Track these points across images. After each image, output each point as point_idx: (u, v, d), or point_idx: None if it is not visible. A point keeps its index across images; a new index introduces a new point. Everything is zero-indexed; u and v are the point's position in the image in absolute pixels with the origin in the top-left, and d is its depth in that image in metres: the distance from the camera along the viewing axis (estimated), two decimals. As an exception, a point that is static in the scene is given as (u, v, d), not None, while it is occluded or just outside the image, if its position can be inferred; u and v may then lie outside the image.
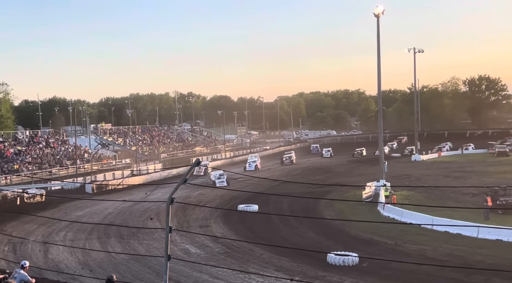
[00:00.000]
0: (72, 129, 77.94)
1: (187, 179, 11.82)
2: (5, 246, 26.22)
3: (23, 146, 56.70)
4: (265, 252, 24.85)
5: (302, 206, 35.22)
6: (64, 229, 30.86)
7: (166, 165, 63.75)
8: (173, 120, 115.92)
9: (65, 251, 25.45)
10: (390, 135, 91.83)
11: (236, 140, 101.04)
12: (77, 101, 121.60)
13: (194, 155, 75.20)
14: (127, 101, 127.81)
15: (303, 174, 56.57)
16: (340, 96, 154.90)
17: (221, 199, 41.23)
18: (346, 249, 23.69)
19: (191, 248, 26.39)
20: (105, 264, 23.31)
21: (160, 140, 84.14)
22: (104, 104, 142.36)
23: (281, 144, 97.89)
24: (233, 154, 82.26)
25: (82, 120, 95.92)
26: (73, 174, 51.44)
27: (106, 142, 73.37)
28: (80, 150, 61.41)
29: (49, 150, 58.83)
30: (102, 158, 63.34)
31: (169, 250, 11.13)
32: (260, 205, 35.61)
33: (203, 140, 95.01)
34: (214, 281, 20.79)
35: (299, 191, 37.84)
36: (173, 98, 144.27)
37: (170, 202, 11.63)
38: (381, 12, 42.99)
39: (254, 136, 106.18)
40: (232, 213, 33.65)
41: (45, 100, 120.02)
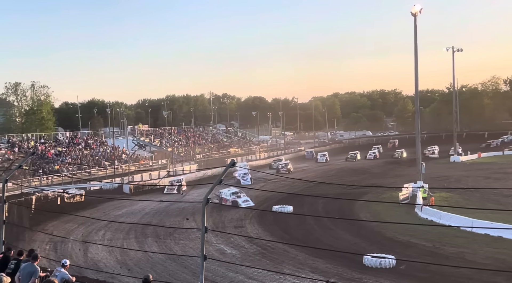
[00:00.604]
0: (110, 130, 79.53)
1: (223, 179, 11.91)
2: (47, 245, 26.97)
3: (64, 147, 58.25)
4: (300, 253, 24.77)
5: (337, 207, 34.94)
6: (102, 228, 31.54)
7: (201, 166, 64.34)
8: (208, 122, 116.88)
9: (104, 250, 26.01)
10: (427, 135, 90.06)
11: (270, 141, 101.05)
12: (115, 103, 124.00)
13: (229, 155, 75.53)
14: (163, 102, 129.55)
15: (338, 175, 56.12)
16: (376, 97, 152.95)
17: (255, 200, 41.30)
18: (382, 251, 23.39)
19: (226, 248, 26.55)
20: (142, 263, 23.71)
21: (196, 141, 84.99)
22: (141, 106, 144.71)
23: (316, 145, 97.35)
24: (268, 155, 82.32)
25: (120, 121, 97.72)
26: (111, 174, 52.45)
27: (143, 143, 74.59)
28: (118, 151, 62.65)
29: (88, 151, 60.25)
30: (139, 158, 64.42)
31: (205, 250, 11.24)
32: (294, 206, 35.53)
33: (237, 141, 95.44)
34: (249, 282, 20.87)
35: (334, 192, 37.51)
36: (208, 100, 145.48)
37: (206, 202, 11.74)
38: (419, 11, 42.34)
39: (288, 137, 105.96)
40: (266, 214, 33.68)
41: (84, 102, 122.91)
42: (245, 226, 32.07)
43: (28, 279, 11.38)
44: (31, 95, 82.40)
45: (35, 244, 24.54)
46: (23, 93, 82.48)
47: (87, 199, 36.49)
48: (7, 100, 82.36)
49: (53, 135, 66.53)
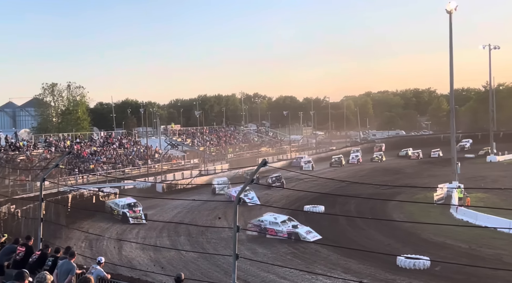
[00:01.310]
0: (144, 130, 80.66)
1: (254, 179, 11.94)
2: (82, 243, 27.56)
3: (98, 147, 59.39)
4: (332, 253, 24.63)
5: (369, 207, 34.57)
6: (136, 226, 32.06)
7: (232, 165, 64.56)
8: (239, 121, 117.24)
9: (137, 248, 26.44)
10: (463, 135, 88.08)
11: (301, 141, 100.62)
12: (148, 103, 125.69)
13: (260, 155, 75.63)
14: (195, 102, 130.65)
15: (370, 175, 55.49)
16: (409, 95, 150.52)
17: (287, 200, 41.26)
18: (416, 252, 23.03)
19: (258, 248, 26.61)
20: (175, 261, 23.98)
21: (227, 141, 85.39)
22: (174, 106, 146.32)
23: (348, 144, 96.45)
24: (299, 155, 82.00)
25: (153, 121, 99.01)
26: (145, 173, 53.16)
27: (175, 142, 75.37)
28: (151, 150, 63.49)
29: (122, 150, 61.25)
30: (172, 158, 65.12)
31: (237, 249, 11.28)
32: (326, 206, 35.33)
33: (268, 141, 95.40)
34: (281, 281, 20.86)
35: (367, 192, 37.11)
36: (239, 99, 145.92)
37: (238, 201, 11.80)
38: (454, 8, 41.56)
39: (319, 137, 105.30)
40: (298, 214, 33.59)
41: (118, 103, 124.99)
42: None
43: (66, 276, 11.64)
44: (67, 96, 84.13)
45: (71, 242, 25.11)
46: (60, 94, 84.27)
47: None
48: (44, 101, 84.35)
49: (88, 135, 67.85)
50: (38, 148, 52.59)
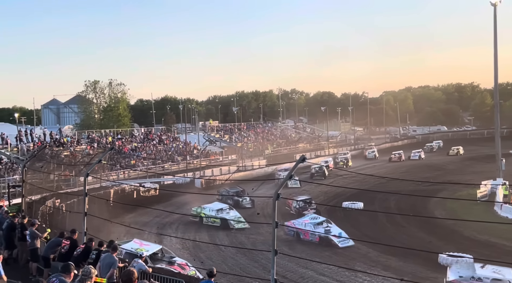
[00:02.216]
0: (182, 126, 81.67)
1: (293, 175, 11.89)
2: (124, 237, 28.13)
3: (139, 143, 60.51)
4: (372, 250, 24.35)
5: (410, 204, 33.96)
6: (176, 221, 32.51)
7: (270, 161, 64.58)
8: (276, 117, 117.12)
9: (177, 243, 26.82)
10: (507, 130, 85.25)
11: (339, 137, 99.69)
12: (186, 100, 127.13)
13: (298, 151, 75.32)
14: (233, 99, 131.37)
15: (411, 171, 54.40)
16: (451, 90, 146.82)
17: (325, 196, 40.96)
18: (459, 250, 22.49)
19: (297, 244, 26.56)
20: (214, 256, 24.20)
21: (265, 137, 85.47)
22: (212, 102, 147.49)
23: (387, 141, 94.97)
24: (337, 151, 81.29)
25: (191, 118, 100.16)
26: (184, 169, 53.82)
27: (213, 138, 76.02)
28: (189, 146, 64.26)
29: (161, 146, 62.20)
30: (210, 154, 65.67)
31: (276, 245, 11.28)
32: (365, 203, 34.90)
33: (306, 137, 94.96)
34: (319, 278, 20.77)
35: (407, 189, 36.46)
36: (277, 95, 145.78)
37: (276, 197, 11.78)
38: (499, 1, 40.32)
39: (358, 133, 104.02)
40: (337, 210, 33.33)
41: (158, 99, 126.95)
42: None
43: (108, 269, 11.93)
44: (109, 93, 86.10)
45: (113, 236, 25.65)
46: (101, 91, 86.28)
47: (161, 193, 37.65)
48: (86, 98, 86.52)
49: (129, 131, 69.19)
50: (81, 144, 54.01)
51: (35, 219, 19.23)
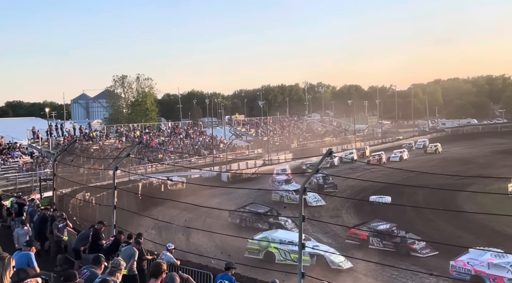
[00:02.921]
0: (209, 120, 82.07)
1: (319, 169, 11.84)
2: (152, 230, 28.52)
3: (166, 137, 61.11)
4: (400, 245, 24.05)
5: (439, 198, 33.44)
6: (203, 214, 32.71)
7: (296, 155, 64.41)
8: (302, 111, 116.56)
9: (204, 236, 27.00)
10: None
11: (366, 131, 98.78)
12: (213, 94, 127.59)
13: (324, 145, 74.92)
14: (259, 92, 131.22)
15: (440, 165, 53.54)
16: (481, 83, 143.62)
17: (352, 190, 40.70)
18: (490, 244, 22.06)
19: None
20: (241, 250, 24.27)
21: (291, 131, 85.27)
22: (238, 96, 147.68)
23: (415, 134, 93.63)
24: (364, 145, 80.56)
25: (218, 112, 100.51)
26: (210, 163, 54.13)
27: (239, 132, 76.19)
28: (216, 140, 64.59)
29: (188, 140, 62.68)
30: (236, 148, 65.88)
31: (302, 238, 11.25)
32: (393, 197, 34.52)
33: (332, 131, 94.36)
34: (347, 271, 20.67)
35: (436, 182, 35.88)
36: (303, 89, 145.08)
37: (303, 191, 11.76)
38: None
39: (385, 126, 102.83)
40: (363, 204, 33.08)
41: (185, 94, 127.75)
42: (341, 216, 31.77)
43: (128, 261, 12.15)
44: (137, 88, 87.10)
45: (142, 229, 26.00)
46: (129, 86, 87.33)
47: (188, 186, 37.95)
48: (115, 93, 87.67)
49: (156, 126, 69.93)
50: (110, 138, 54.85)
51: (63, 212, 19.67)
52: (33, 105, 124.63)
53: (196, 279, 12.94)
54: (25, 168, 39.16)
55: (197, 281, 13.06)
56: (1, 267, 5.26)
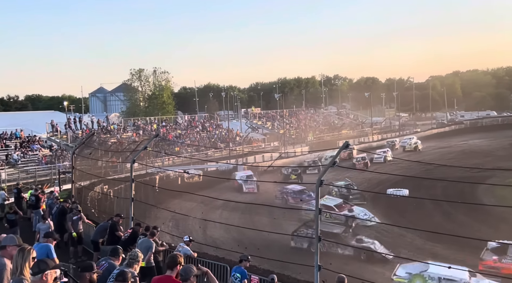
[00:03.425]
0: (225, 113, 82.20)
1: (336, 161, 11.76)
2: (170, 222, 28.71)
3: (183, 130, 61.40)
4: (417, 238, 23.93)
5: (458, 191, 33.03)
6: (220, 207, 32.83)
7: (312, 148, 64.23)
8: (319, 104, 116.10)
9: (221, 229, 27.10)
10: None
11: (384, 123, 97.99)
12: (229, 87, 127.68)
13: (341, 137, 74.57)
14: (275, 85, 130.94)
15: (458, 158, 52.92)
16: (501, 74, 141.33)
17: (368, 183, 40.46)
18: (510, 238, 21.77)
19: (339, 230, 26.34)
20: (257, 242, 24.29)
21: (307, 124, 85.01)
22: (254, 89, 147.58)
23: (433, 126, 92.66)
24: (381, 137, 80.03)
25: (234, 105, 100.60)
26: (226, 156, 54.25)
27: (255, 125, 76.21)
28: (232, 133, 64.70)
29: (205, 133, 62.90)
30: (252, 141, 65.93)
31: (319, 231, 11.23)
32: (411, 190, 34.23)
33: (349, 123, 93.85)
34: (364, 265, 20.58)
35: (455, 175, 35.47)
36: (319, 82, 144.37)
37: (319, 184, 11.71)
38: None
39: (403, 119, 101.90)
40: (380, 197, 32.86)
41: (201, 87, 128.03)
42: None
43: (146, 253, 12.25)
44: (153, 81, 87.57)
45: (159, 221, 26.21)
46: (146, 79, 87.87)
47: (205, 179, 38.08)
48: (132, 86, 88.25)
49: (173, 119, 70.29)
50: (128, 131, 55.32)
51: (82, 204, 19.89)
52: (52, 99, 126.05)
53: (212, 271, 13.01)
54: (44, 160, 39.70)
55: (214, 273, 13.14)
56: (21, 258, 5.34)
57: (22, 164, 38.09)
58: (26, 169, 37.68)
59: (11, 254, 5.70)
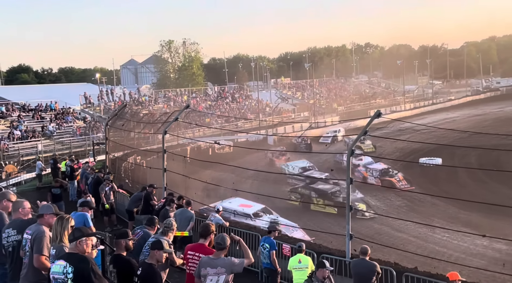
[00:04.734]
0: (255, 84, 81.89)
1: (368, 130, 11.62)
2: (201, 192, 29.11)
3: (213, 101, 61.57)
4: (451, 206, 23.68)
5: (493, 159, 32.33)
6: (250, 177, 33.04)
7: (343, 118, 63.59)
8: (350, 73, 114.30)
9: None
10: None
11: (416, 91, 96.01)
12: (258, 57, 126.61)
13: (372, 107, 73.51)
14: (305, 55, 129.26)
15: (494, 125, 51.58)
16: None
17: (401, 152, 40.02)
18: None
19: (371, 200, 26.29)
20: (286, 211, 24.44)
21: (337, 93, 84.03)
22: (283, 59, 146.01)
23: (468, 94, 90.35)
24: (414, 106, 78.57)
25: (263, 75, 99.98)
26: (256, 126, 54.26)
27: (285, 96, 75.77)
28: (262, 104, 64.53)
29: (235, 104, 62.95)
30: (282, 111, 65.69)
31: (350, 201, 11.20)
32: (444, 158, 33.70)
33: (381, 92, 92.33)
34: (395, 234, 20.57)
35: (490, 143, 34.66)
36: (350, 50, 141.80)
37: (351, 153, 11.63)
38: None
39: (436, 87, 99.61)
40: (413, 166, 32.47)
41: (230, 58, 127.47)
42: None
43: (187, 223, 12.46)
44: (183, 52, 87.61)
45: (191, 191, 26.60)
46: (176, 51, 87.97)
47: (235, 150, 38.27)
48: (162, 58, 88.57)
49: (203, 90, 70.47)
50: (159, 103, 55.82)
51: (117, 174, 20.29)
52: (84, 71, 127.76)
53: (244, 240, 13.19)
54: (78, 132, 40.54)
55: (246, 242, 13.31)
56: (60, 226, 5.50)
57: (57, 135, 38.98)
58: (61, 140, 38.55)
59: (49, 222, 5.87)
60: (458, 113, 67.14)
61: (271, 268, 10.99)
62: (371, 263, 9.49)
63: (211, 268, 6.64)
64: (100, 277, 4.96)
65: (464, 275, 10.13)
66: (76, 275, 4.81)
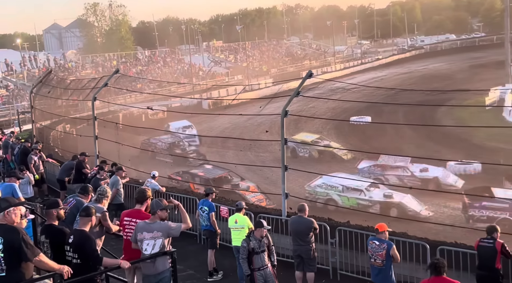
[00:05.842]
0: (186, 48, 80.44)
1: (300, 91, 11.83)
2: (136, 159, 28.60)
3: (144, 66, 60.02)
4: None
5: (419, 115, 33.87)
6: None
7: (276, 80, 64.05)
8: (281, 35, 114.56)
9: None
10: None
11: (346, 52, 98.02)
12: (189, 20, 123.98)
13: (304, 68, 74.43)
14: (236, 17, 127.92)
15: (418, 82, 53.76)
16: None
17: (332, 112, 40.98)
18: (468, 158, 22.71)
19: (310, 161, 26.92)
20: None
21: (270, 55, 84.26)
22: (214, 22, 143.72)
23: (394, 53, 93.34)
24: (344, 66, 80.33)
25: (195, 38, 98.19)
26: (190, 91, 53.69)
27: (218, 59, 75.10)
28: (195, 68, 63.69)
29: (167, 68, 61.71)
30: (216, 74, 65.21)
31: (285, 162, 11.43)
32: (373, 116, 34.89)
33: (312, 53, 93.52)
34: (330, 190, 21.17)
35: (416, 100, 36.21)
36: (281, 12, 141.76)
37: (284, 114, 11.81)
38: None
39: (365, 46, 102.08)
40: (344, 125, 33.45)
41: (160, 21, 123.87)
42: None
43: (111, 188, 12.35)
44: (110, 15, 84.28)
45: (125, 158, 26.11)
46: (102, 13, 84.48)
47: (169, 115, 37.71)
48: (87, 21, 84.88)
49: (133, 54, 68.47)
50: (86, 68, 53.75)
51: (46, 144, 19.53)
52: (3, 36, 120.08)
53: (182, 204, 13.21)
54: (1, 101, 38.48)
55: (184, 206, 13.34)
56: (-17, 198, 5.26)
57: (-22, 106, 36.90)
58: (-18, 111, 36.57)
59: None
60: (386, 72, 69.32)
61: (211, 229, 11.10)
62: (308, 219, 9.80)
63: (147, 233, 6.64)
64: (32, 247, 4.85)
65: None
66: (6, 245, 4.70)
